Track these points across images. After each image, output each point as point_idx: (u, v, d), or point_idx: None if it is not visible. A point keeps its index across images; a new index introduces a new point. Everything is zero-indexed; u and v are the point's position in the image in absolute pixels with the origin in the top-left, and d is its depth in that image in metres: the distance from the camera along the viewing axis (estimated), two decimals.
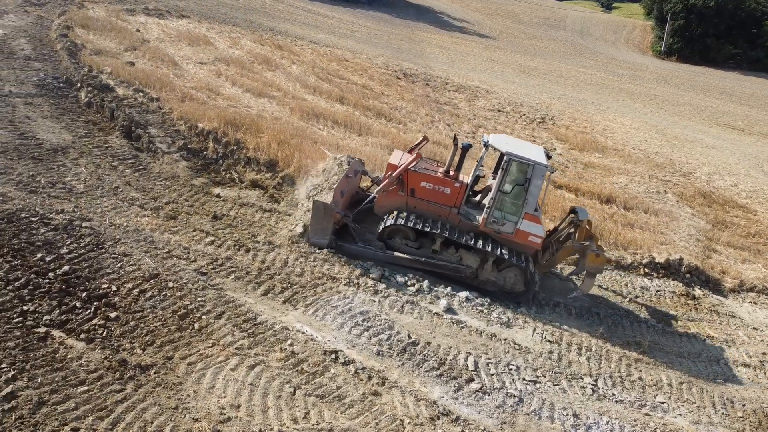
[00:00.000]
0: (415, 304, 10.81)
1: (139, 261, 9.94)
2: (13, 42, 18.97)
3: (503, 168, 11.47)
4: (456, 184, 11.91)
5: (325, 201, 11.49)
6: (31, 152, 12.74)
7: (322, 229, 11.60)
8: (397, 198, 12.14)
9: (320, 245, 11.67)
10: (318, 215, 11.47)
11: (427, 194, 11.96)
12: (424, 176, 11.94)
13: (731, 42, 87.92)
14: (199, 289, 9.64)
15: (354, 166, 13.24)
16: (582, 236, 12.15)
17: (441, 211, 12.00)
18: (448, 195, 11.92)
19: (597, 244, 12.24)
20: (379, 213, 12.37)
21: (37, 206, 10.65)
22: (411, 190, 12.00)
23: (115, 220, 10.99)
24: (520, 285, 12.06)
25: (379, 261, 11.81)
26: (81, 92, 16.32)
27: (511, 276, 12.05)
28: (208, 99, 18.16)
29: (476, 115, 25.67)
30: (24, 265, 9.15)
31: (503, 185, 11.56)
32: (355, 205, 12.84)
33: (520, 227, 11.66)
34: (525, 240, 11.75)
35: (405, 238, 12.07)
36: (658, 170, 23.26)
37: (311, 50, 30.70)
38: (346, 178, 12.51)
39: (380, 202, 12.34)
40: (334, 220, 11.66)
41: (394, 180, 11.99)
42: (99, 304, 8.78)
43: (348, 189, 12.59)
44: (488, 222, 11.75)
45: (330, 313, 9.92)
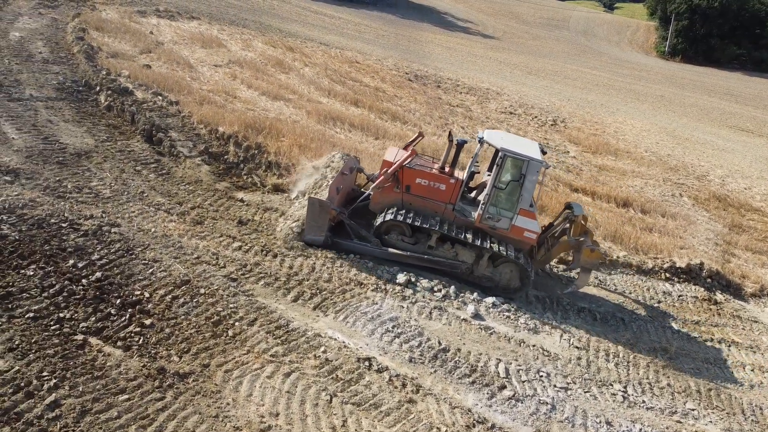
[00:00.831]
0: (442, 310, 10.82)
1: (169, 267, 9.96)
2: (30, 45, 19.00)
3: (498, 164, 11.51)
4: (451, 180, 11.93)
5: (321, 198, 11.53)
6: (56, 157, 12.76)
7: (317, 226, 11.61)
8: (392, 195, 12.15)
9: (316, 242, 11.68)
10: (313, 212, 11.48)
11: (423, 191, 11.98)
12: (419, 173, 11.95)
13: (735, 42, 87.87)
14: (231, 295, 9.66)
15: (349, 163, 13.29)
16: (577, 231, 12.15)
17: (436, 208, 12.01)
18: (443, 191, 11.93)
19: (592, 240, 12.24)
20: (374, 210, 12.38)
21: (66, 211, 10.67)
22: (406, 187, 12.02)
23: (143, 226, 11.01)
24: (515, 281, 12.10)
25: (375, 257, 11.83)
26: (101, 96, 16.35)
27: (507, 272, 12.08)
28: (225, 102, 18.18)
29: (489, 117, 25.66)
30: (57, 271, 9.17)
31: (498, 181, 11.59)
32: (352, 202, 12.86)
33: (515, 223, 11.69)
34: (520, 236, 11.78)
35: (401, 234, 12.08)
36: (672, 173, 23.24)
37: (322, 52, 30.71)
38: (342, 175, 12.57)
39: (376, 198, 12.33)
40: (330, 216, 11.67)
41: (389, 177, 12.00)
42: (133, 311, 8.80)
43: (344, 186, 12.61)
44: (483, 218, 11.78)
45: (360, 320, 9.94)
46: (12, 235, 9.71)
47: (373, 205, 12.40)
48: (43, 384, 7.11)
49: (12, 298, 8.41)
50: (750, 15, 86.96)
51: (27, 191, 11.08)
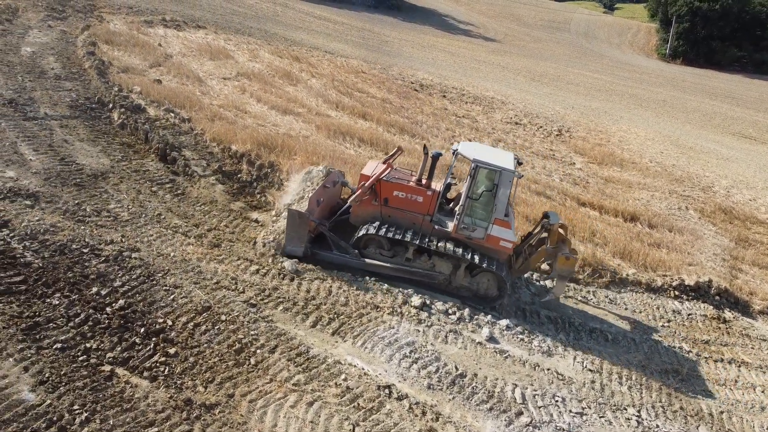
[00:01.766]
0: (458, 333, 10.98)
1: (190, 293, 10.12)
2: (42, 61, 19.16)
3: (471, 175, 11.74)
4: (428, 192, 12.14)
5: (300, 210, 11.72)
6: (73, 178, 12.92)
7: (297, 238, 11.79)
8: (371, 207, 12.37)
9: (295, 254, 11.86)
10: (293, 224, 11.67)
11: (400, 203, 12.20)
12: (396, 185, 12.18)
13: (736, 44, 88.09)
14: (251, 322, 9.81)
15: (333, 176, 13.47)
16: (554, 240, 12.33)
17: (415, 219, 12.21)
18: (420, 203, 12.15)
19: (570, 248, 12.41)
20: (355, 223, 12.58)
21: (86, 237, 10.83)
22: (384, 200, 12.24)
23: (163, 250, 11.17)
24: (493, 290, 12.31)
25: (355, 268, 12.07)
26: (114, 113, 16.51)
27: (485, 281, 12.29)
28: (236, 118, 18.34)
29: (495, 128, 25.83)
30: (82, 299, 9.32)
31: (472, 192, 11.81)
32: (335, 215, 13.04)
33: (490, 233, 11.87)
34: (496, 245, 11.95)
35: (379, 247, 12.29)
36: (677, 184, 23.40)
37: (328, 62, 30.87)
38: (323, 188, 12.77)
39: (355, 211, 12.55)
40: (309, 228, 11.86)
41: (366, 190, 12.24)
42: (157, 339, 8.95)
43: (325, 198, 12.78)
44: (459, 228, 11.97)
45: (378, 345, 10.09)
46: (36, 262, 9.86)
47: (353, 219, 12.64)
48: (75, 418, 7.26)
49: (39, 328, 8.56)
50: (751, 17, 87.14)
51: (47, 215, 11.23)
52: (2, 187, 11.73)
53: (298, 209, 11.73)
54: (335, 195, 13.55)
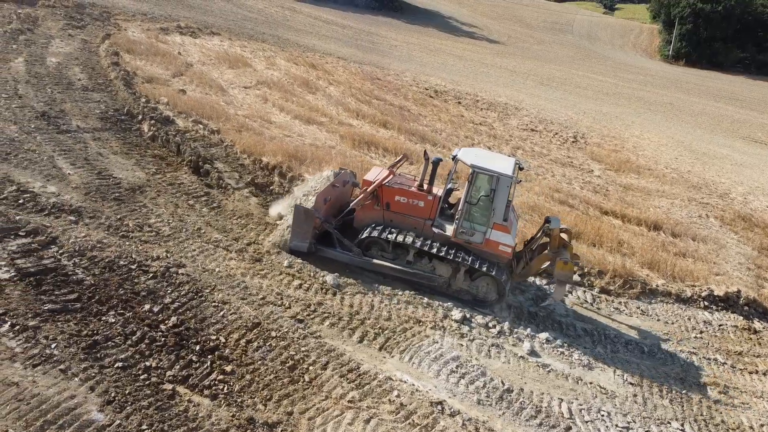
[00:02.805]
0: (500, 347, 11.11)
1: (238, 309, 10.24)
2: (68, 71, 19.28)
3: (469, 180, 11.97)
4: (429, 197, 12.42)
5: (306, 207, 12.01)
6: (113, 192, 13.04)
7: (302, 233, 12.13)
8: (373, 212, 12.70)
9: (300, 249, 12.22)
10: (299, 220, 11.99)
11: (402, 207, 12.49)
12: (398, 191, 12.47)
13: (739, 46, 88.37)
14: (300, 338, 9.94)
15: (342, 176, 13.77)
16: (555, 245, 12.46)
17: (416, 224, 12.48)
18: (422, 208, 12.42)
19: (572, 253, 12.54)
20: (358, 227, 12.86)
21: (133, 253, 10.95)
22: (386, 204, 12.51)
23: (207, 265, 11.29)
24: (492, 294, 12.50)
25: (357, 266, 12.41)
26: (143, 125, 16.63)
27: (484, 285, 12.48)
28: (262, 128, 18.47)
29: (512, 135, 25.97)
30: (136, 317, 9.45)
31: (470, 196, 12.02)
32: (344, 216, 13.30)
33: (489, 237, 12.05)
34: (495, 249, 12.14)
35: (381, 250, 12.58)
36: (695, 192, 23.54)
37: (342, 68, 31.02)
38: (332, 187, 13.07)
39: (358, 216, 12.89)
40: (315, 225, 12.12)
41: (368, 195, 12.54)
42: (213, 357, 9.08)
43: (332, 197, 13.05)
44: (458, 232, 12.17)
45: (424, 360, 10.22)
46: (87, 279, 9.98)
47: (356, 222, 12.94)
48: None
49: (99, 347, 8.68)
50: (753, 18, 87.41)
51: (92, 231, 11.35)
52: (46, 202, 11.85)
53: (304, 206, 12.05)
54: (344, 194, 13.85)
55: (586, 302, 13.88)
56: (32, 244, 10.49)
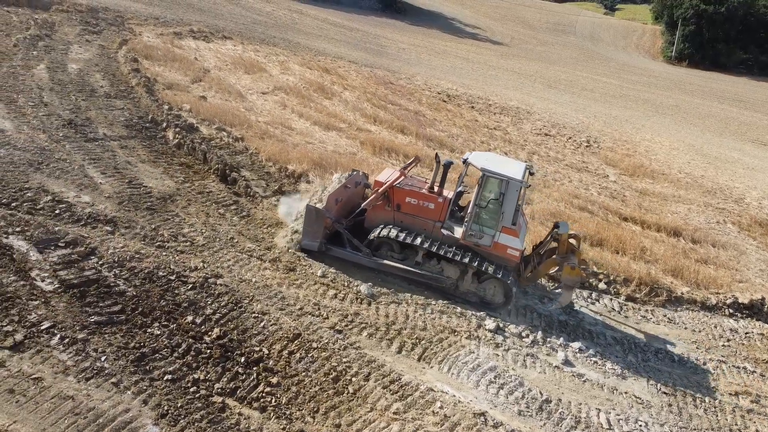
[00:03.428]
0: (534, 357, 11.20)
1: (278, 320, 10.33)
2: (90, 78, 19.36)
3: (479, 183, 12.12)
4: (439, 199, 12.57)
5: (317, 207, 12.24)
6: (145, 202, 13.12)
7: (313, 233, 12.40)
8: (384, 212, 12.85)
9: (311, 248, 12.50)
10: (310, 219, 12.29)
11: (412, 209, 12.65)
12: (409, 192, 12.63)
13: (742, 47, 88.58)
14: (341, 349, 10.02)
15: (354, 178, 14.00)
16: (563, 250, 12.58)
17: (425, 225, 12.63)
18: (432, 210, 12.58)
19: (580, 259, 12.65)
20: (369, 227, 13.03)
21: (171, 263, 11.02)
22: (397, 205, 12.68)
23: (244, 275, 11.38)
24: (499, 296, 12.62)
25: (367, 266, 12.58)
26: (168, 132, 16.71)
27: (491, 287, 12.61)
28: (284, 135, 18.56)
29: (527, 140, 26.07)
30: (180, 329, 9.53)
31: (479, 199, 12.16)
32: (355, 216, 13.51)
33: (497, 240, 12.19)
34: (503, 252, 12.28)
35: (390, 250, 12.72)
36: (710, 197, 23.65)
37: (355, 72, 31.11)
38: (344, 188, 13.29)
39: (369, 216, 13.08)
40: (325, 225, 12.36)
41: (379, 196, 12.69)
42: (258, 368, 9.16)
43: (344, 198, 13.26)
44: (467, 235, 12.31)
45: (463, 370, 10.31)
46: (129, 291, 10.06)
47: (367, 222, 13.12)
48: None
49: (147, 359, 8.77)
50: (756, 19, 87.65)
51: (129, 242, 11.43)
52: (81, 212, 11.93)
53: (315, 206, 12.27)
54: (356, 195, 14.03)
55: (614, 310, 13.97)
56: (72, 255, 10.58)
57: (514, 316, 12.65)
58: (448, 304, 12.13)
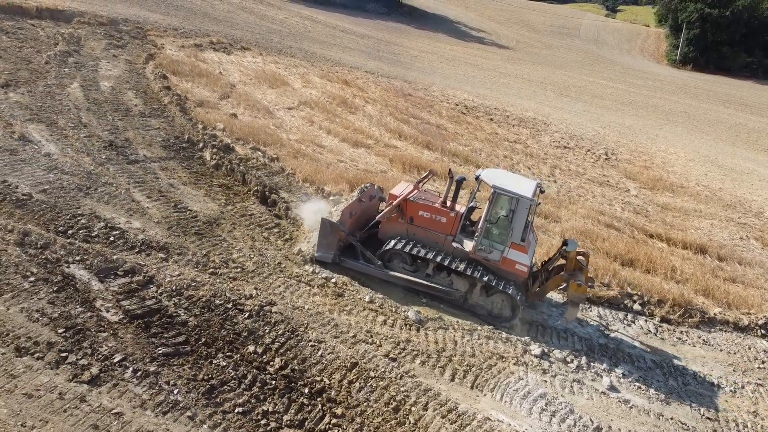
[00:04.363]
0: (581, 382, 11.45)
1: (334, 348, 10.58)
2: (123, 96, 19.62)
3: (490, 200, 12.51)
4: (451, 213, 12.98)
5: (332, 220, 12.66)
6: (192, 226, 13.37)
7: (327, 245, 12.91)
8: (398, 225, 13.30)
9: (325, 260, 13.00)
10: (324, 232, 12.79)
11: (425, 222, 13.08)
12: (422, 206, 13.06)
13: (746, 50, 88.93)
14: (397, 378, 10.27)
15: (369, 191, 14.49)
16: (570, 267, 12.89)
17: (437, 238, 13.05)
18: (444, 223, 12.99)
19: (587, 276, 12.95)
20: (382, 238, 13.47)
21: (226, 291, 11.28)
22: (410, 218, 13.12)
23: (296, 302, 11.63)
24: (507, 310, 12.95)
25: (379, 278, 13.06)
26: (205, 153, 16.97)
27: (499, 301, 12.96)
28: (316, 153, 18.81)
29: (547, 153, 26.33)
30: (243, 359, 9.78)
31: (490, 216, 12.54)
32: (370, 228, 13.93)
33: (506, 256, 12.57)
34: (512, 268, 12.66)
35: (402, 262, 13.15)
36: (731, 211, 23.90)
37: (374, 84, 31.36)
38: (359, 201, 13.79)
39: (383, 228, 13.54)
40: (339, 237, 12.84)
41: (393, 209, 13.11)
42: (322, 399, 9.41)
43: (358, 212, 13.72)
44: (477, 249, 12.71)
45: (515, 398, 10.56)
46: (190, 320, 10.32)
47: (381, 234, 13.56)
48: None
49: (216, 391, 9.02)
50: (760, 23, 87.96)
51: (184, 269, 11.68)
52: (135, 239, 12.18)
53: (330, 219, 12.72)
54: (371, 208, 14.46)
55: (649, 332, 14.22)
56: (132, 284, 10.83)
57: (556, 340, 12.90)
58: (494, 329, 12.38)
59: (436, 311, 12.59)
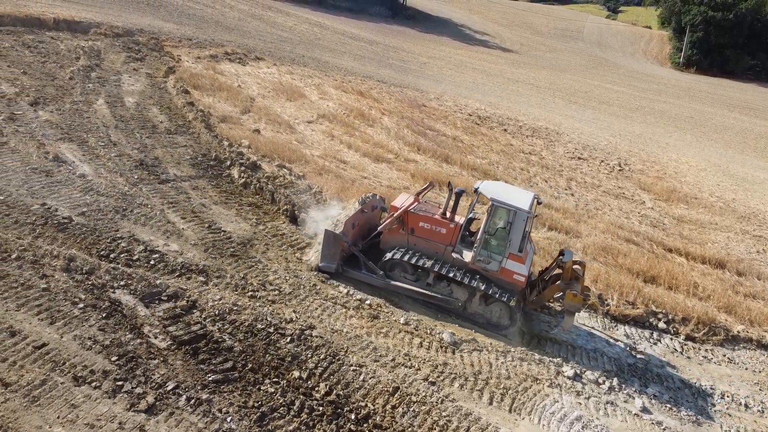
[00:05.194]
0: (614, 404, 11.69)
1: (375, 372, 10.81)
2: (148, 113, 19.85)
3: (489, 212, 12.87)
4: (451, 224, 13.37)
5: (335, 231, 13.00)
6: (227, 248, 13.60)
7: (330, 255, 13.28)
8: (399, 236, 13.72)
9: (328, 270, 13.38)
10: (328, 243, 13.15)
11: (425, 233, 13.49)
12: (422, 217, 13.46)
13: (749, 53, 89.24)
14: (438, 402, 10.50)
15: (372, 202, 14.85)
16: (567, 277, 13.19)
17: (437, 249, 13.45)
18: (443, 234, 13.38)
19: (582, 286, 13.26)
20: (384, 248, 13.86)
21: (267, 315, 11.51)
22: (411, 229, 13.53)
23: (334, 325, 11.86)
24: (505, 319, 13.30)
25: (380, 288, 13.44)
26: (233, 171, 17.20)
27: (497, 310, 13.29)
28: (339, 170, 19.05)
29: (562, 165, 26.56)
30: (290, 385, 10.01)
31: (488, 227, 12.89)
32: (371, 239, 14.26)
33: (504, 266, 12.93)
34: (510, 278, 13.03)
35: (403, 271, 13.55)
36: (746, 223, 24.13)
37: (387, 94, 31.61)
38: (361, 212, 14.16)
39: (385, 238, 13.97)
40: (342, 248, 13.23)
41: (394, 220, 13.54)
42: (368, 425, 9.64)
43: (360, 222, 14.10)
44: (476, 260, 13.07)
45: (552, 421, 10.79)
46: (236, 346, 10.55)
47: (383, 244, 13.97)
48: None
49: (267, 419, 9.25)
50: (763, 25, 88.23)
51: (224, 293, 11.91)
52: (174, 262, 12.41)
53: (333, 230, 13.06)
54: (373, 219, 14.85)
55: (675, 351, 14.46)
56: (176, 309, 11.07)
57: (587, 360, 13.13)
58: (527, 350, 12.61)
59: (469, 332, 12.83)
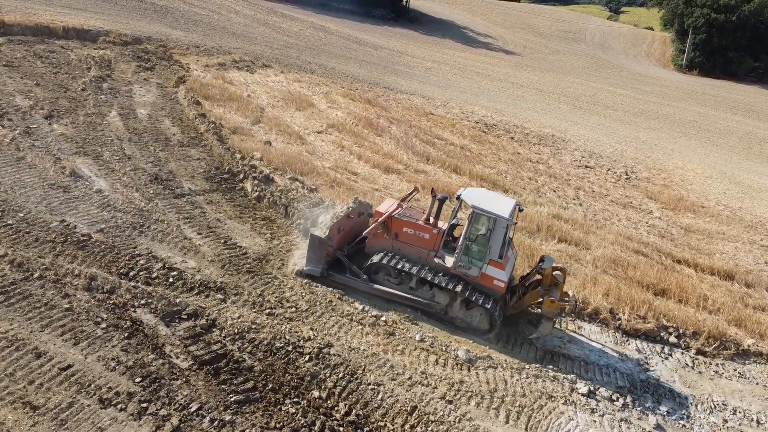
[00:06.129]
0: (628, 422, 11.81)
1: (393, 391, 10.95)
2: (161, 125, 20.01)
3: (469, 219, 13.14)
4: (434, 230, 13.66)
5: (320, 235, 13.34)
6: (244, 264, 13.76)
7: (315, 259, 13.55)
8: (383, 240, 14.00)
9: (313, 273, 13.65)
10: (313, 247, 13.43)
11: (409, 238, 13.78)
12: (406, 222, 13.75)
13: (752, 55, 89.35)
14: (456, 421, 10.64)
15: (359, 208, 15.13)
16: (546, 283, 13.40)
17: (420, 254, 13.73)
18: (427, 240, 13.66)
19: (562, 292, 13.47)
20: (369, 253, 14.10)
21: (285, 333, 11.66)
22: (395, 234, 13.81)
23: (351, 343, 12.00)
24: (485, 324, 13.55)
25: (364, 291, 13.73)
26: (246, 184, 17.35)
27: (477, 315, 13.53)
28: (350, 182, 19.18)
29: (569, 174, 26.67)
30: (310, 405, 10.16)
31: (469, 234, 13.16)
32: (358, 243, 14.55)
33: (485, 272, 13.18)
34: (490, 283, 13.30)
35: (387, 275, 13.82)
36: (753, 232, 24.22)
37: (394, 101, 31.74)
38: (347, 217, 14.45)
39: (369, 243, 14.23)
40: (327, 252, 13.53)
41: (379, 225, 13.78)
42: None
43: (346, 227, 14.39)
44: (457, 265, 13.27)
45: None
46: (255, 365, 10.70)
47: (368, 249, 14.24)
48: None
49: None
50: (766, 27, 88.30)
51: (242, 310, 12.07)
52: (192, 280, 12.57)
53: (318, 235, 13.36)
54: (359, 224, 15.07)
55: (687, 366, 14.57)
56: (196, 328, 11.22)
57: (599, 376, 13.25)
58: (541, 367, 12.73)
59: (484, 349, 12.96)
